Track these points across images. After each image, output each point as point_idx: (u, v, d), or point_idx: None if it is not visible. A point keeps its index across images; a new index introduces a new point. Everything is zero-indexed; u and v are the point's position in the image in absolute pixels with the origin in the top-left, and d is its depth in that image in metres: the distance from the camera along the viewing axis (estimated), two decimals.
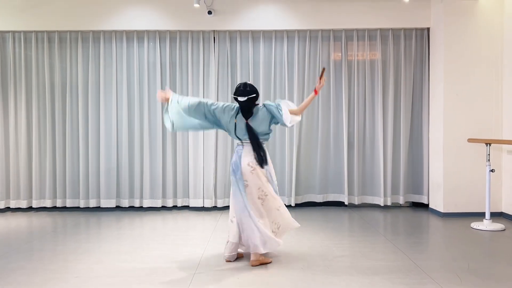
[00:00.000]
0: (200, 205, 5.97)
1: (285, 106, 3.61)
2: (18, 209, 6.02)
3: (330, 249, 4.04)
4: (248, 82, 3.69)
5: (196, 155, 5.98)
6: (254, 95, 3.62)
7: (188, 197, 5.99)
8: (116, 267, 3.54)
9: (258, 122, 3.64)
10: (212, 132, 5.94)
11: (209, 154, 5.98)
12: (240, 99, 3.60)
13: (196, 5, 5.48)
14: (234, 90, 3.70)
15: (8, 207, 6.02)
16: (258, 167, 3.58)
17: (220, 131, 5.93)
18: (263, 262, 3.57)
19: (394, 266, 3.53)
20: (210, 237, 4.53)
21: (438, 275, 3.30)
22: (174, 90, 5.96)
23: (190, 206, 5.98)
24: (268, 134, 3.71)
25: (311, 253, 3.91)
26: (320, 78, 3.70)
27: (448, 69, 5.49)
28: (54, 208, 6.03)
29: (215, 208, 6.01)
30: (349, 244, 4.24)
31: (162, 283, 3.18)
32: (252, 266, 3.52)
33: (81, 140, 5.96)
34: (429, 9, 5.84)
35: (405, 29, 5.98)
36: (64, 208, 6.04)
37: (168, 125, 3.67)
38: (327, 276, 3.30)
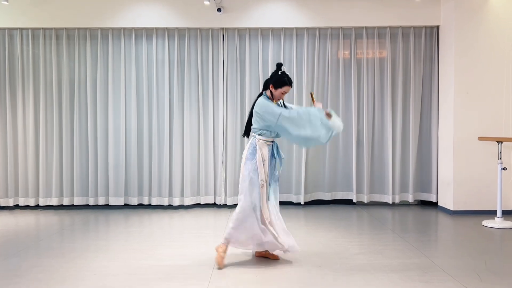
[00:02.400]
0: (211, 202, 5.98)
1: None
2: (27, 207, 6.00)
3: (345, 247, 4.04)
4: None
5: (206, 151, 5.98)
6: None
7: (199, 195, 5.99)
8: (132, 265, 3.52)
9: None
10: (220, 127, 5.95)
11: (218, 151, 5.97)
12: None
13: (206, 2, 5.47)
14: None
15: (17, 205, 5.99)
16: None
17: (230, 122, 6.00)
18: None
19: (411, 263, 3.53)
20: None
21: (457, 273, 3.30)
22: (183, 88, 5.97)
23: (201, 203, 5.98)
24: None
25: (327, 251, 3.90)
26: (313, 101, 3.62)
27: (458, 68, 5.49)
28: (61, 206, 6.01)
29: (225, 206, 6.01)
30: (363, 242, 4.23)
31: (181, 281, 3.17)
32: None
33: (90, 138, 5.94)
34: (438, 7, 5.83)
35: (414, 27, 5.97)
36: (71, 206, 6.01)
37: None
38: (345, 274, 3.29)
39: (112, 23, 5.87)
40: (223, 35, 5.98)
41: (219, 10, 5.77)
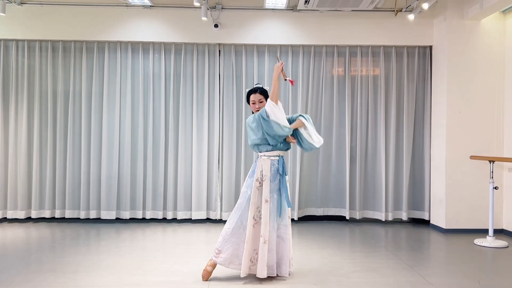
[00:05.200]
0: (203, 217, 5.94)
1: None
2: (16, 220, 5.91)
3: (340, 264, 4.04)
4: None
5: (200, 166, 5.95)
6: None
7: (191, 210, 5.94)
8: (127, 281, 3.48)
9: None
10: (215, 142, 5.95)
11: (213, 166, 5.97)
12: None
13: (204, 18, 5.50)
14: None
15: (5, 218, 5.90)
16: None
17: (226, 137, 5.99)
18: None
19: (407, 282, 3.54)
20: None
21: None
22: (178, 102, 5.98)
23: (192, 218, 5.93)
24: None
25: (322, 268, 3.90)
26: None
27: (451, 87, 5.58)
28: (53, 219, 5.94)
29: (220, 221, 5.97)
30: (358, 259, 4.23)
31: None
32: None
33: (83, 151, 5.90)
34: (431, 28, 5.95)
35: (408, 47, 6.07)
36: (62, 219, 5.94)
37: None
38: None
39: (108, 37, 5.88)
40: (219, 50, 6.02)
41: (216, 26, 5.82)
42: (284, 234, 3.53)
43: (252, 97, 3.60)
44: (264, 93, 3.61)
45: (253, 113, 3.66)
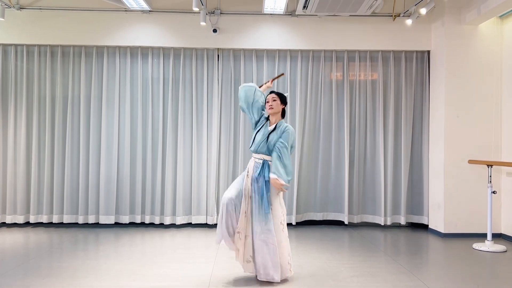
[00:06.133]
0: (203, 221, 5.94)
1: None
2: (14, 225, 5.90)
3: (338, 269, 4.04)
4: None
5: (199, 170, 5.96)
6: None
7: (190, 214, 5.95)
8: (126, 286, 3.48)
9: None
10: (214, 146, 5.95)
11: (211, 170, 5.97)
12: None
13: (203, 23, 5.52)
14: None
15: (4, 223, 5.89)
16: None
17: (223, 141, 6.01)
18: None
19: (405, 286, 3.54)
20: (217, 255, 4.49)
21: None
22: (177, 107, 5.98)
23: (192, 223, 5.93)
24: None
25: (321, 273, 3.90)
26: (272, 80, 4.07)
27: (448, 91, 5.60)
28: (51, 224, 5.93)
29: (216, 225, 5.95)
30: (356, 264, 4.23)
31: None
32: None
33: (82, 156, 5.90)
34: (429, 32, 5.98)
35: (406, 51, 6.09)
36: (61, 224, 5.93)
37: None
38: None
39: (107, 42, 5.90)
40: (218, 55, 6.04)
41: (214, 31, 5.84)
42: (266, 239, 3.44)
43: (268, 97, 3.74)
44: (279, 95, 3.75)
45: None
